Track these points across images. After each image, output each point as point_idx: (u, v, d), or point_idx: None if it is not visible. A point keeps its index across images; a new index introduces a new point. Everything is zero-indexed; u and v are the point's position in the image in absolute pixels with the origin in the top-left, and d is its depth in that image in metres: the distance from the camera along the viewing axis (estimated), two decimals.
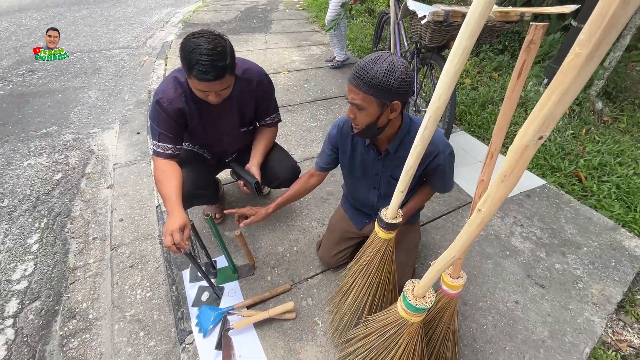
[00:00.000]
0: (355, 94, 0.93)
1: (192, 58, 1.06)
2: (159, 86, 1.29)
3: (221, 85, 1.16)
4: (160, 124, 1.29)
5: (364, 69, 0.89)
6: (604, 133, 2.60)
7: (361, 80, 0.90)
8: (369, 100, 0.92)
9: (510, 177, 0.48)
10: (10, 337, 1.38)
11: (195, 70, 1.07)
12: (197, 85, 1.14)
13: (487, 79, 3.44)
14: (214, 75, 1.09)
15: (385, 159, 1.16)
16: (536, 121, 0.40)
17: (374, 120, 0.97)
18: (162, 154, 1.32)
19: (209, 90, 1.16)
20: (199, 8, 6.15)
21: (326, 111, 2.91)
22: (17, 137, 2.58)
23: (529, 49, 0.57)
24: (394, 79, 0.88)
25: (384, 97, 0.91)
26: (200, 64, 1.06)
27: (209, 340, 1.29)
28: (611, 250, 1.72)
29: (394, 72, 0.88)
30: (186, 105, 1.29)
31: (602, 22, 0.31)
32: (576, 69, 0.35)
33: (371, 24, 4.87)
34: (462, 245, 0.66)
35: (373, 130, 1.01)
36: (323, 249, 1.54)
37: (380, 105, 0.93)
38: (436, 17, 1.73)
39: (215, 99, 1.20)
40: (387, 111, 0.95)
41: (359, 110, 0.96)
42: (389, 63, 0.88)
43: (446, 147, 1.10)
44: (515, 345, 1.33)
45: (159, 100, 1.26)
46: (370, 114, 0.95)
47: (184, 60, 1.09)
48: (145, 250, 1.69)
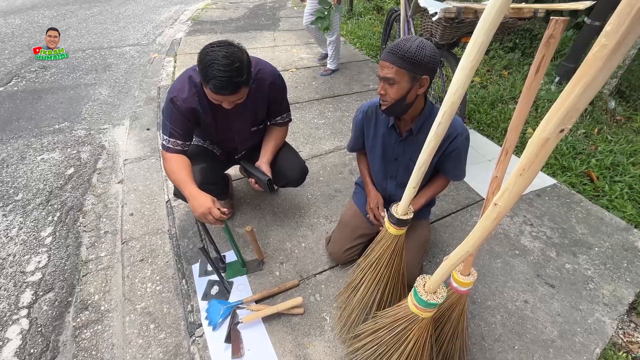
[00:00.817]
0: (388, 69, 1.00)
1: (209, 72, 1.08)
2: (174, 84, 1.31)
3: (236, 97, 1.18)
4: (172, 121, 1.31)
5: (398, 46, 0.98)
6: (617, 132, 2.56)
7: (395, 55, 0.98)
8: (401, 73, 0.99)
9: (529, 171, 0.48)
10: (25, 327, 1.42)
11: (211, 84, 1.09)
12: (212, 95, 1.16)
13: (497, 77, 3.40)
14: (229, 90, 1.11)
15: (406, 141, 1.21)
16: (559, 113, 0.39)
17: (404, 95, 1.04)
18: (172, 149, 1.34)
19: (224, 101, 1.19)
20: (207, 5, 6.19)
21: (334, 108, 2.91)
22: (30, 133, 2.63)
23: (548, 44, 0.57)
24: (425, 54, 0.97)
25: (416, 70, 0.98)
26: (217, 79, 1.07)
27: (218, 333, 1.31)
28: (623, 251, 1.70)
29: (425, 49, 0.97)
30: (199, 105, 1.31)
31: (630, 12, 0.31)
32: (601, 60, 0.34)
33: (379, 22, 4.84)
34: (477, 241, 0.66)
35: (402, 105, 1.07)
36: (333, 244, 1.54)
37: (411, 79, 1.01)
38: (448, 14, 1.72)
39: (228, 106, 1.23)
40: (416, 86, 1.02)
41: (390, 86, 1.03)
42: (420, 42, 0.98)
43: (464, 130, 1.16)
44: (524, 345, 1.32)
45: (173, 98, 1.28)
46: (401, 87, 1.02)
47: (202, 72, 1.11)
48: (155, 244, 1.71)
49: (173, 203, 1.90)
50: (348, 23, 5.00)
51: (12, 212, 1.94)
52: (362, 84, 3.37)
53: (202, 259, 1.59)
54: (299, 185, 1.68)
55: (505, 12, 1.99)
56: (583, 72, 0.36)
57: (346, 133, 2.55)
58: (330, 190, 2.02)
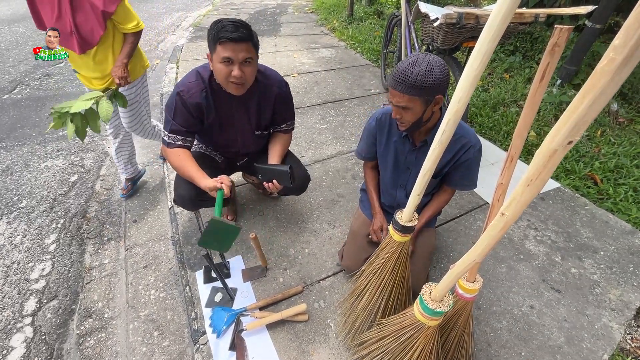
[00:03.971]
0: (399, 98, 0.99)
1: (219, 25, 1.14)
2: (182, 80, 1.33)
3: (245, 52, 1.18)
4: (175, 116, 1.32)
5: (405, 74, 0.95)
6: (620, 135, 2.55)
7: (404, 85, 0.96)
8: (413, 100, 0.98)
9: (537, 182, 0.48)
10: (29, 335, 1.42)
11: (222, 32, 1.13)
12: (223, 51, 1.16)
13: (498, 80, 3.40)
14: (240, 34, 1.14)
15: (420, 151, 1.20)
16: (567, 125, 0.39)
17: (420, 117, 1.04)
18: (172, 144, 1.36)
19: (234, 56, 1.16)
20: (209, 12, 6.23)
21: (336, 113, 2.91)
22: (34, 140, 2.65)
23: (553, 52, 0.57)
24: (435, 77, 0.94)
25: (428, 94, 0.97)
26: (227, 26, 1.13)
27: (222, 340, 1.30)
28: (629, 255, 1.68)
29: (434, 71, 0.94)
30: (205, 101, 1.32)
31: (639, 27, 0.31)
32: (610, 74, 0.34)
33: (380, 26, 4.87)
34: (484, 250, 0.66)
35: (420, 125, 1.08)
36: (348, 257, 1.48)
37: (425, 103, 1.00)
38: (449, 19, 1.72)
39: (237, 73, 1.19)
40: (431, 106, 1.02)
41: (404, 111, 1.02)
42: (427, 63, 0.94)
43: (477, 142, 1.15)
44: (531, 351, 1.31)
45: (179, 92, 1.30)
46: (416, 112, 1.02)
47: (212, 32, 1.15)
48: (159, 251, 1.71)
49: (176, 209, 1.91)
50: (349, 28, 5.03)
51: (17, 220, 1.95)
52: (363, 88, 3.38)
53: (205, 265, 1.58)
54: (301, 193, 1.69)
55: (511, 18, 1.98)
56: (591, 85, 0.36)
57: (348, 138, 2.55)
58: (333, 196, 2.02)
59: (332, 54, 4.24)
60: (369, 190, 1.44)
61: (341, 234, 1.77)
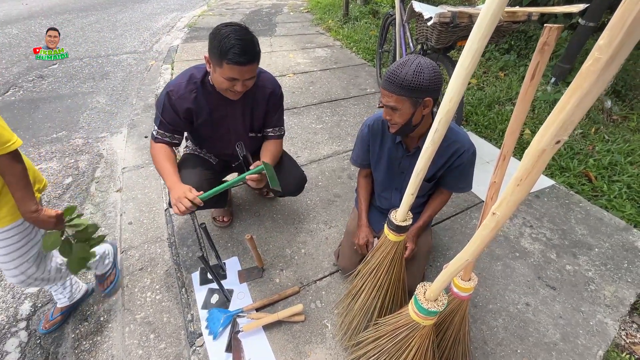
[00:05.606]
0: (389, 97, 1.01)
1: (228, 42, 1.11)
2: (173, 79, 1.33)
3: (251, 72, 1.19)
4: (164, 114, 1.33)
5: (394, 74, 0.97)
6: (614, 132, 2.57)
7: (393, 84, 0.98)
8: (401, 100, 1.00)
9: (526, 181, 0.48)
10: (23, 339, 1.40)
11: (231, 53, 1.11)
12: (229, 72, 1.16)
13: (493, 78, 3.41)
14: (249, 58, 1.13)
15: (414, 156, 1.20)
16: (554, 125, 0.40)
17: (409, 118, 1.05)
18: (160, 140, 1.36)
19: (240, 77, 1.18)
20: (204, 12, 6.21)
21: (332, 113, 2.91)
22: (28, 142, 2.62)
23: (543, 51, 0.57)
24: (423, 78, 0.95)
25: (416, 95, 0.98)
26: (236, 47, 1.11)
27: (219, 342, 1.30)
28: (623, 251, 1.70)
29: (422, 72, 0.95)
30: (194, 104, 1.32)
31: (623, 27, 0.31)
32: (595, 73, 0.35)
33: (375, 25, 4.87)
34: (476, 249, 0.66)
35: (409, 127, 1.09)
36: (344, 258, 1.48)
37: (413, 104, 1.00)
38: (443, 18, 1.73)
39: (240, 89, 1.22)
40: (420, 108, 1.03)
41: (393, 111, 1.04)
42: (417, 65, 0.96)
43: (471, 146, 1.16)
44: (527, 348, 1.31)
45: (169, 92, 1.30)
46: (404, 113, 1.03)
47: (219, 45, 1.12)
48: (155, 253, 1.70)
49: (172, 211, 1.90)
50: (344, 27, 5.02)
51: None
52: (359, 87, 3.38)
53: (201, 267, 1.58)
54: (298, 194, 1.68)
55: (500, 17, 2.00)
56: (577, 85, 0.36)
57: (344, 137, 2.55)
58: (329, 196, 2.02)
59: (328, 53, 4.24)
60: (360, 200, 1.44)
61: (337, 234, 1.77)
